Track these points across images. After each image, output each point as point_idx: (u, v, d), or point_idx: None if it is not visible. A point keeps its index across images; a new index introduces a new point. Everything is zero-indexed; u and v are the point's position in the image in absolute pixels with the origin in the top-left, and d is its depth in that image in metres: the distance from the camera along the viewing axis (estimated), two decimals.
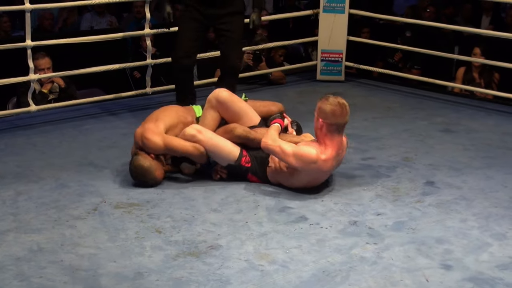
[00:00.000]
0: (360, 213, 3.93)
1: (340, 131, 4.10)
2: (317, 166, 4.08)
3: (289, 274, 3.27)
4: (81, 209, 3.90)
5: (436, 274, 3.30)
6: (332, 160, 4.11)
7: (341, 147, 4.16)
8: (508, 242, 3.64)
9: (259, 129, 4.38)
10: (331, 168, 4.17)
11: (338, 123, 4.06)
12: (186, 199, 4.08)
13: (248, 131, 4.33)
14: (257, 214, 3.90)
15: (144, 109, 5.91)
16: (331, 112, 4.04)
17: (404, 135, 5.31)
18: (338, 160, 4.20)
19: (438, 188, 4.32)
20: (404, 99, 6.41)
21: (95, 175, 4.41)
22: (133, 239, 3.57)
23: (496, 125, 5.66)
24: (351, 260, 3.41)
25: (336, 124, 4.06)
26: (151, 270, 3.27)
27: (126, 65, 6.11)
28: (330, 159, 4.10)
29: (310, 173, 4.13)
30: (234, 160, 4.26)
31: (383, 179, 4.41)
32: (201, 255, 3.41)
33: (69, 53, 6.50)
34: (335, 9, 6.73)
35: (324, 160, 4.07)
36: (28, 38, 5.33)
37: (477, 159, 4.85)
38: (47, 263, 3.31)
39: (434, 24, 7.16)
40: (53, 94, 5.95)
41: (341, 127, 4.09)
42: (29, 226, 3.69)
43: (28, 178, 4.34)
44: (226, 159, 4.27)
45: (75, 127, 5.41)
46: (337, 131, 4.08)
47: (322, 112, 4.07)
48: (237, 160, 4.25)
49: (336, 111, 4.04)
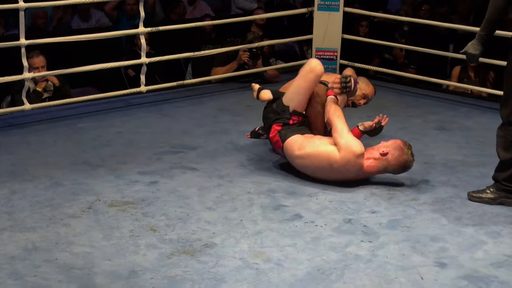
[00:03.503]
0: (355, 211, 3.94)
1: (384, 169, 4.26)
2: (352, 160, 4.17)
3: (284, 272, 3.26)
4: (76, 208, 3.90)
5: (430, 272, 3.31)
6: (361, 173, 4.24)
7: (372, 173, 4.30)
8: (503, 240, 3.64)
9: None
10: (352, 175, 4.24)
11: (391, 167, 4.24)
12: (180, 197, 4.07)
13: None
14: (252, 212, 3.90)
15: (138, 107, 5.92)
16: (402, 163, 4.24)
17: (399, 133, 5.31)
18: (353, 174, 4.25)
19: (433, 186, 4.32)
20: (399, 97, 6.42)
21: (90, 174, 4.40)
22: (127, 237, 3.56)
23: (490, 123, 5.61)
24: (346, 258, 3.41)
25: (390, 166, 4.23)
26: (146, 269, 3.26)
27: (120, 64, 6.09)
28: (363, 171, 4.24)
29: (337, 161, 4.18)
30: (293, 109, 4.45)
31: (378, 177, 4.41)
32: (195, 254, 3.41)
33: (64, 52, 6.48)
34: (329, 7, 6.73)
35: (358, 163, 4.18)
36: (22, 37, 5.31)
37: (472, 157, 4.86)
38: (41, 262, 3.30)
39: (429, 22, 7.17)
40: (48, 92, 5.94)
41: (388, 168, 4.25)
42: (24, 225, 3.68)
43: (22, 177, 4.33)
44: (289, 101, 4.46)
45: (69, 125, 5.40)
46: (384, 169, 4.25)
47: (396, 149, 4.22)
48: (294, 112, 4.44)
49: (402, 164, 4.23)
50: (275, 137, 4.43)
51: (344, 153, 4.16)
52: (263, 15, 7.64)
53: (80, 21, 8.50)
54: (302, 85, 4.49)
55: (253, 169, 4.53)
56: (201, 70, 6.87)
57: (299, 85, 4.50)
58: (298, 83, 4.51)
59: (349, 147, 4.16)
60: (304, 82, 4.48)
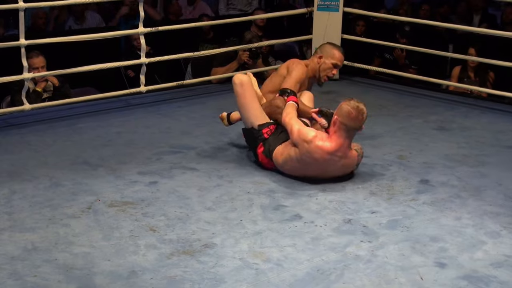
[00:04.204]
0: (354, 211, 3.94)
1: (348, 134, 4.20)
2: (308, 147, 4.20)
3: (284, 272, 3.26)
4: (75, 208, 3.89)
5: (430, 272, 3.30)
6: (325, 153, 4.19)
7: (343, 150, 4.22)
8: (503, 240, 3.64)
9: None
10: (320, 159, 4.21)
11: (348, 125, 4.17)
12: (180, 197, 4.07)
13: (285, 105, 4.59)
14: (252, 212, 3.90)
15: (138, 107, 5.92)
16: (347, 113, 4.16)
17: (399, 133, 5.32)
18: (334, 160, 4.22)
19: (433, 186, 4.32)
20: (399, 98, 6.42)
21: (89, 174, 4.40)
22: (127, 237, 3.56)
23: (490, 123, 5.67)
24: (346, 258, 3.41)
25: (346, 126, 4.16)
26: (145, 269, 3.26)
27: (120, 64, 6.09)
28: (324, 150, 4.19)
29: (302, 155, 4.23)
30: (257, 125, 4.52)
31: (377, 177, 4.42)
32: (195, 254, 3.41)
33: (63, 52, 6.48)
34: (329, 7, 6.74)
35: (317, 146, 4.18)
36: (22, 37, 5.31)
37: (471, 157, 4.86)
38: (41, 262, 3.30)
39: (428, 22, 7.17)
40: (47, 92, 5.95)
41: (351, 131, 4.19)
42: (24, 225, 3.68)
43: (22, 177, 4.33)
44: (250, 121, 4.56)
45: (69, 125, 5.41)
46: (346, 132, 4.19)
47: (339, 109, 4.21)
48: (261, 126, 4.50)
49: (351, 114, 4.15)
50: (264, 159, 4.49)
51: (300, 146, 4.25)
52: (262, 15, 7.64)
53: (74, 23, 8.50)
54: (243, 102, 4.60)
55: (253, 170, 4.53)
56: (200, 70, 6.87)
57: (242, 104, 4.61)
58: (240, 103, 4.62)
59: (299, 138, 4.25)
60: (243, 98, 4.60)
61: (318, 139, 4.21)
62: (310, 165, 4.27)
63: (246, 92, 4.57)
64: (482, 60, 6.57)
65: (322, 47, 5.05)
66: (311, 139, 4.21)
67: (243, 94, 4.58)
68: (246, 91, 4.57)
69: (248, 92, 4.58)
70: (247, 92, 4.57)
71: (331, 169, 4.28)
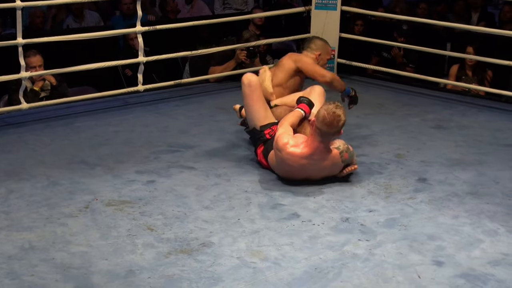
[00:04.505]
0: (352, 210, 3.94)
1: (323, 138, 4.14)
2: (281, 155, 4.20)
3: (281, 271, 3.26)
4: (73, 207, 3.89)
5: (428, 270, 3.31)
6: (299, 158, 4.17)
7: (319, 153, 4.18)
8: (500, 238, 3.64)
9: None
10: (296, 165, 4.19)
11: (322, 130, 4.11)
12: (178, 196, 4.07)
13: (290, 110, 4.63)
14: (249, 211, 3.90)
15: (136, 106, 5.92)
16: (322, 117, 4.10)
17: (396, 131, 5.32)
18: (312, 164, 4.19)
19: (430, 184, 4.32)
20: (396, 96, 6.42)
21: (87, 173, 4.40)
22: (124, 236, 3.56)
23: (487, 122, 5.67)
24: (343, 257, 3.41)
25: (320, 130, 4.11)
26: (143, 268, 3.26)
27: (117, 63, 6.09)
28: (297, 156, 4.17)
29: (279, 161, 4.26)
30: (260, 126, 4.52)
31: (375, 176, 4.42)
32: (193, 253, 3.41)
33: (61, 51, 6.47)
34: (327, 5, 6.73)
35: (289, 153, 4.17)
36: (19, 36, 5.30)
37: (469, 155, 4.86)
38: (38, 261, 3.30)
39: (426, 20, 7.17)
40: (45, 92, 5.94)
41: (325, 135, 4.13)
42: (21, 224, 3.68)
43: (19, 176, 4.32)
44: (253, 122, 4.57)
45: (66, 124, 5.40)
46: (320, 136, 4.13)
47: (317, 113, 4.15)
48: (263, 127, 4.50)
49: (325, 119, 4.09)
50: (262, 159, 4.49)
51: (276, 153, 4.26)
52: (260, 14, 7.63)
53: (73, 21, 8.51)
54: (249, 103, 4.59)
55: (251, 168, 4.53)
56: (198, 69, 6.87)
57: (248, 104, 4.61)
58: (246, 103, 4.63)
59: (276, 144, 4.26)
60: (250, 99, 4.58)
61: (290, 145, 4.18)
62: (290, 170, 4.25)
63: (253, 94, 4.55)
64: (480, 59, 6.57)
65: (315, 43, 5.11)
66: (282, 147, 4.19)
67: (250, 95, 4.56)
68: (253, 93, 4.55)
69: (255, 94, 4.56)
70: (254, 93, 4.55)
71: (313, 172, 4.25)
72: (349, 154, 4.28)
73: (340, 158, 4.24)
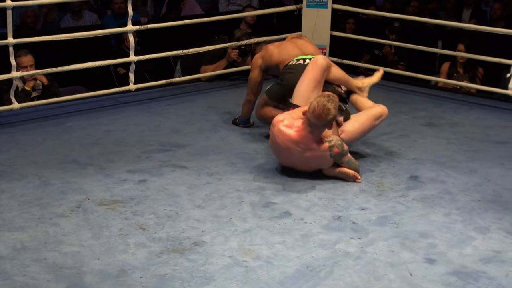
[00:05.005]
0: (344, 208, 3.94)
1: (312, 128, 4.16)
2: (273, 129, 4.29)
3: (273, 269, 3.27)
4: (65, 207, 3.89)
5: (420, 268, 3.32)
6: (286, 139, 4.22)
7: (305, 142, 4.19)
8: (491, 235, 3.66)
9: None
10: (283, 145, 4.25)
11: (311, 121, 4.13)
12: (170, 195, 4.07)
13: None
14: (241, 210, 3.90)
15: (127, 106, 5.91)
16: (312, 108, 4.12)
17: (388, 129, 5.32)
18: (297, 150, 4.22)
19: (422, 182, 4.33)
20: (388, 94, 6.42)
21: (79, 173, 4.39)
22: (116, 236, 3.56)
23: (478, 119, 5.69)
24: (335, 255, 3.42)
25: (309, 121, 4.14)
26: (135, 267, 3.26)
27: (108, 62, 6.07)
28: (285, 136, 4.22)
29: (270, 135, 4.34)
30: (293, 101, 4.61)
31: (367, 174, 4.42)
32: (185, 252, 3.41)
33: (52, 51, 6.46)
34: (318, 4, 6.74)
35: (280, 130, 4.24)
36: (10, 36, 5.28)
37: (460, 153, 4.87)
38: (30, 261, 3.30)
39: (417, 18, 7.19)
40: (36, 91, 5.93)
41: (313, 126, 4.15)
42: (12, 224, 3.67)
43: (11, 176, 4.31)
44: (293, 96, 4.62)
45: (58, 124, 5.39)
46: (309, 126, 4.16)
47: (311, 103, 4.17)
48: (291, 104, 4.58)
49: (315, 111, 4.11)
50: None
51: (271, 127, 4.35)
52: (252, 13, 7.64)
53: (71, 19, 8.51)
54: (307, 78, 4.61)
55: (242, 167, 4.53)
56: (190, 68, 6.86)
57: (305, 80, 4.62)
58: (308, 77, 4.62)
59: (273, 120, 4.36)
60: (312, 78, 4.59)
61: (283, 124, 4.24)
62: (277, 149, 4.32)
63: (319, 74, 4.57)
64: (471, 56, 6.59)
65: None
66: (275, 122, 4.28)
67: (314, 75, 4.58)
68: (319, 73, 4.57)
69: (320, 75, 4.58)
70: (320, 74, 4.58)
71: (299, 160, 4.27)
72: (340, 152, 4.25)
73: (328, 151, 4.22)
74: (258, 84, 5.21)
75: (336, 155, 4.25)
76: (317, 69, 4.58)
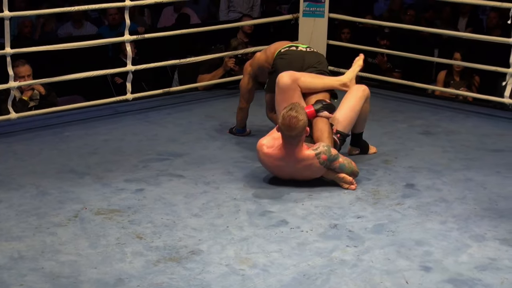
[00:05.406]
0: (340, 216, 3.96)
1: (289, 140, 4.18)
2: (258, 155, 4.34)
3: (270, 278, 3.28)
4: (62, 216, 3.90)
5: (415, 275, 3.33)
6: (274, 160, 4.27)
7: (290, 155, 4.21)
8: (487, 243, 3.67)
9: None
10: (273, 165, 4.29)
11: (284, 134, 4.17)
12: (167, 204, 4.09)
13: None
14: (238, 218, 3.91)
15: (125, 115, 5.92)
16: (281, 123, 4.15)
17: (384, 138, 5.35)
18: (288, 166, 4.25)
19: (418, 190, 4.35)
20: (384, 102, 6.44)
21: (76, 182, 4.41)
22: (114, 245, 3.57)
23: (475, 127, 5.71)
24: (332, 263, 3.43)
25: (282, 131, 4.18)
26: (132, 276, 3.27)
27: (106, 72, 6.10)
28: (272, 157, 4.27)
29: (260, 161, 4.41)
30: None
31: (363, 182, 4.44)
32: (182, 260, 3.42)
33: (50, 61, 6.48)
34: (314, 13, 6.77)
35: (264, 153, 4.30)
36: (7, 46, 5.31)
37: (457, 161, 4.89)
38: (28, 271, 3.31)
39: (414, 27, 7.23)
40: (34, 101, 5.94)
41: (288, 138, 4.16)
42: (10, 234, 3.68)
43: (8, 186, 4.33)
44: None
45: (55, 134, 5.40)
46: (285, 139, 4.20)
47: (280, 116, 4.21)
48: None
49: (284, 124, 4.13)
50: None
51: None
52: (249, 22, 7.67)
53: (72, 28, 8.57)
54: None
55: (239, 176, 4.55)
56: (187, 77, 6.89)
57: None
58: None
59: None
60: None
61: (266, 146, 4.28)
62: (270, 170, 4.38)
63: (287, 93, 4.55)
64: (467, 65, 6.62)
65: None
66: (258, 148, 4.32)
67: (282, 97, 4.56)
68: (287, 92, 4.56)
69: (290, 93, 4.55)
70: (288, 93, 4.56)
71: (293, 173, 4.29)
72: (328, 157, 4.24)
73: (317, 160, 4.23)
74: (248, 91, 5.22)
75: (325, 161, 4.25)
76: (280, 90, 4.57)
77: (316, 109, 4.50)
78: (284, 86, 4.55)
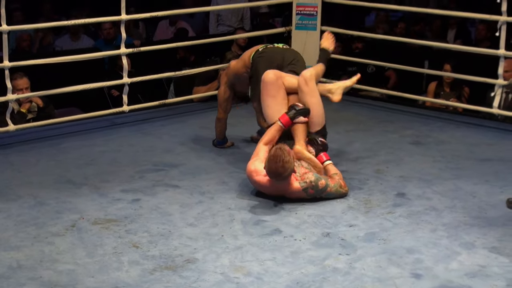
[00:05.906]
0: (333, 225, 4.02)
1: (279, 182, 4.22)
2: (250, 181, 4.41)
3: (264, 286, 3.34)
4: (60, 226, 3.96)
5: (406, 283, 3.39)
6: (266, 186, 4.32)
7: (279, 189, 4.28)
8: (477, 250, 3.73)
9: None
10: (266, 190, 4.35)
11: (274, 180, 4.21)
12: (163, 214, 4.15)
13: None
14: (233, 227, 3.98)
15: (121, 127, 5.98)
16: (267, 168, 4.17)
17: (375, 148, 5.40)
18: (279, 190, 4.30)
19: (409, 199, 4.41)
20: (375, 113, 6.48)
21: (73, 192, 4.47)
22: (110, 254, 3.63)
23: (464, 137, 5.75)
24: (324, 271, 3.49)
25: (274, 181, 4.22)
26: (129, 285, 3.33)
27: (102, 84, 6.17)
28: (263, 184, 4.32)
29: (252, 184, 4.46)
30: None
31: (355, 191, 4.51)
32: (177, 269, 3.48)
33: (47, 73, 6.54)
34: (307, 26, 6.86)
35: (255, 181, 4.37)
36: (5, 59, 5.38)
37: (447, 170, 4.95)
38: (26, 280, 3.36)
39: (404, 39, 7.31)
40: (32, 113, 5.99)
41: (279, 181, 4.21)
42: (8, 244, 3.74)
43: (6, 197, 4.38)
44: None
45: (53, 145, 5.45)
46: (276, 183, 4.24)
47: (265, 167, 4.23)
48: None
49: (269, 170, 4.16)
50: None
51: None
52: (243, 35, 7.76)
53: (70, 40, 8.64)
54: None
55: (234, 186, 4.61)
56: (183, 89, 6.95)
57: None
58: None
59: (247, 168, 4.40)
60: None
61: (256, 174, 4.33)
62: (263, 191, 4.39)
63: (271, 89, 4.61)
64: (457, 76, 6.70)
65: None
66: (248, 175, 4.38)
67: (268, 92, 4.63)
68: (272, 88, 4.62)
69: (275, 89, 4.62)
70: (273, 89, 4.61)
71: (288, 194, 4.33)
72: (315, 191, 4.30)
73: (304, 193, 4.30)
74: (225, 100, 5.24)
75: (313, 194, 4.32)
76: (265, 85, 4.62)
77: (291, 117, 4.54)
78: (270, 81, 4.60)
